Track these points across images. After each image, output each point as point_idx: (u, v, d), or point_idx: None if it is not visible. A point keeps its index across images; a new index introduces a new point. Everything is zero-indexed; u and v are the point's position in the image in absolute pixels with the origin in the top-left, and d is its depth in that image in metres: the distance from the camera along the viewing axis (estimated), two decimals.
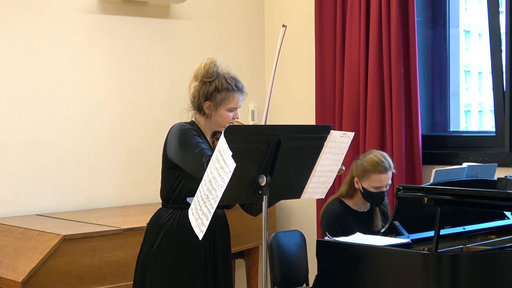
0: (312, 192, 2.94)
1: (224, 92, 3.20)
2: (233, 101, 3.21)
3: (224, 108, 3.20)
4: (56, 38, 4.44)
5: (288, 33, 5.30)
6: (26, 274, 3.38)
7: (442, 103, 4.86)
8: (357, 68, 4.72)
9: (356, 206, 3.89)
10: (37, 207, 4.35)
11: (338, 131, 2.87)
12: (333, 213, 3.84)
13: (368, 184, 3.78)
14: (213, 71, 3.23)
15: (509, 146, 4.39)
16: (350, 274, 3.14)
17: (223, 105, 3.20)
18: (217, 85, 3.20)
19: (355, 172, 3.83)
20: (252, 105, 5.35)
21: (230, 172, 2.53)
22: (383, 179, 3.76)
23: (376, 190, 3.77)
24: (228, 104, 3.20)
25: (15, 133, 4.29)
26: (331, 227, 3.77)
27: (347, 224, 3.78)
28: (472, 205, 3.04)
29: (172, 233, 3.16)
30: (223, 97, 3.19)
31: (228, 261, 3.32)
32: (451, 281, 2.86)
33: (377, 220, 3.88)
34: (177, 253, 3.17)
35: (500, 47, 4.40)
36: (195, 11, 5.06)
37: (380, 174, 3.75)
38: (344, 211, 3.85)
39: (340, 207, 3.87)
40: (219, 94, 3.19)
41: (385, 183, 3.78)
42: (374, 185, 3.77)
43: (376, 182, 3.76)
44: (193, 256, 3.17)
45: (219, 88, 3.20)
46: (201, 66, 3.26)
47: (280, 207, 5.29)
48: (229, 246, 3.34)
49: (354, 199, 3.88)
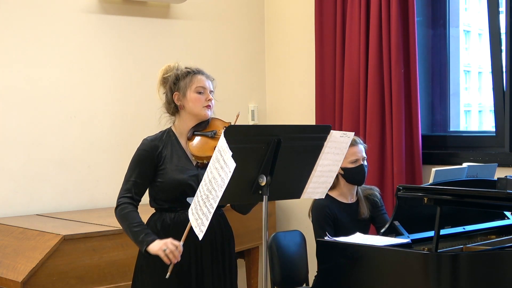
0: (312, 192, 2.94)
1: (185, 76, 3.25)
2: (196, 81, 3.24)
3: (191, 91, 3.22)
4: (56, 38, 4.44)
5: (288, 33, 5.35)
6: (26, 274, 3.38)
7: (442, 103, 4.86)
8: (357, 68, 4.72)
9: (342, 197, 3.89)
10: (37, 207, 4.35)
11: (338, 131, 2.87)
12: (319, 206, 3.84)
13: (345, 162, 3.77)
14: (170, 68, 3.30)
15: (509, 146, 4.39)
16: (350, 274, 3.14)
17: (188, 89, 3.22)
18: (177, 73, 3.27)
19: None
20: (252, 105, 5.35)
21: (230, 172, 2.53)
22: (356, 151, 3.81)
23: (354, 164, 3.80)
24: (193, 85, 3.22)
25: (15, 133, 4.29)
26: (320, 220, 3.80)
27: (335, 216, 3.80)
28: (472, 205, 3.04)
29: (157, 234, 3.17)
30: (186, 81, 3.24)
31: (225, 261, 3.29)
32: (451, 281, 2.86)
33: (363, 208, 3.88)
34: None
35: (500, 47, 4.40)
36: (195, 11, 5.06)
37: (352, 146, 3.77)
38: (331, 203, 3.85)
39: (325, 200, 3.82)
40: (182, 80, 3.25)
41: (360, 155, 3.82)
42: (350, 159, 3.79)
43: (351, 155, 3.79)
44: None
45: (179, 75, 3.26)
46: (160, 70, 3.34)
47: (280, 207, 5.29)
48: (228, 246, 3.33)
49: (337, 188, 3.88)
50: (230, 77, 5.22)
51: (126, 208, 3.16)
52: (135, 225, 3.13)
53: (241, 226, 4.40)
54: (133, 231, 3.12)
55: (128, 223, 3.15)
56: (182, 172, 3.17)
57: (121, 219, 3.20)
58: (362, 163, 3.83)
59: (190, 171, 3.18)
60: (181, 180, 3.15)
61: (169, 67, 3.31)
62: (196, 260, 3.19)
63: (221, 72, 5.17)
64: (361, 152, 3.84)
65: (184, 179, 3.15)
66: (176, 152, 3.22)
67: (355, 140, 3.82)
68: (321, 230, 3.74)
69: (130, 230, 3.14)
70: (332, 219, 3.79)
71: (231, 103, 5.23)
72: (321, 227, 3.77)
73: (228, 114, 3.45)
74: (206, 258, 3.20)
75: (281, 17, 5.36)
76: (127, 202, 3.17)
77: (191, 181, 3.16)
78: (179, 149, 3.23)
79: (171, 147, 3.22)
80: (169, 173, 3.16)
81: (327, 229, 3.71)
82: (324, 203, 3.83)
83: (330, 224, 3.77)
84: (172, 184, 3.15)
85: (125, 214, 3.16)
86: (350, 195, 3.91)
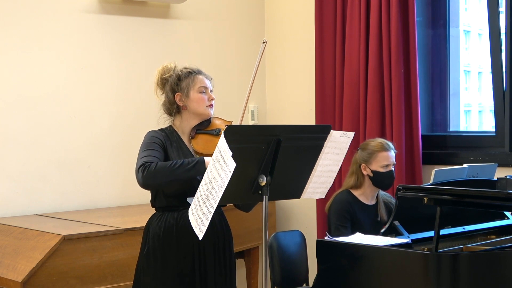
0: (312, 192, 2.94)
1: (187, 77, 3.26)
2: (198, 81, 3.25)
3: (194, 91, 3.24)
4: (56, 38, 4.44)
5: (288, 33, 5.35)
6: (26, 274, 3.38)
7: (442, 103, 4.86)
8: (357, 68, 4.72)
9: (364, 197, 3.92)
10: (37, 207, 4.35)
11: (338, 131, 2.87)
12: (342, 201, 3.89)
13: (376, 165, 3.86)
14: (168, 68, 3.31)
15: (509, 146, 4.39)
16: (350, 274, 3.14)
17: (191, 89, 3.24)
18: (178, 74, 3.28)
19: (360, 159, 3.92)
20: (252, 105, 5.35)
21: (230, 172, 2.53)
22: (389, 156, 3.89)
23: (385, 169, 3.86)
24: (196, 85, 3.25)
25: (15, 133, 4.29)
26: (340, 214, 3.83)
27: (354, 213, 3.84)
28: (472, 205, 3.04)
29: (160, 235, 3.18)
30: (188, 81, 3.25)
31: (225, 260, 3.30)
32: (451, 281, 2.86)
33: (382, 211, 3.92)
34: (165, 254, 3.19)
35: (500, 47, 4.40)
36: (195, 11, 5.06)
37: (386, 151, 3.88)
38: (353, 201, 3.90)
39: (349, 196, 3.92)
40: (184, 80, 3.25)
41: (391, 161, 3.89)
42: (382, 164, 3.86)
43: (384, 160, 3.86)
44: (180, 256, 3.18)
45: (180, 76, 3.27)
46: (157, 71, 3.33)
47: (280, 207, 5.29)
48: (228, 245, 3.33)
49: (362, 189, 3.93)
50: (230, 77, 5.22)
51: (150, 165, 3.04)
52: (173, 164, 3.03)
53: (241, 226, 4.40)
54: (179, 166, 3.02)
55: (166, 170, 3.03)
56: None
57: (157, 174, 3.04)
58: (392, 169, 3.90)
59: None
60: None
61: (166, 67, 3.31)
62: (199, 260, 3.19)
63: (221, 72, 5.17)
64: (392, 158, 3.91)
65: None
66: (181, 149, 3.23)
67: (389, 145, 3.91)
68: (338, 222, 3.78)
69: (174, 171, 3.02)
70: (351, 216, 3.83)
71: (231, 103, 5.23)
72: (339, 220, 3.81)
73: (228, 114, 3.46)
74: (209, 257, 3.21)
75: (281, 17, 5.36)
76: (148, 162, 3.05)
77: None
78: (183, 146, 3.25)
79: (175, 144, 3.23)
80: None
81: (345, 223, 3.74)
82: (347, 199, 3.89)
83: (349, 219, 3.80)
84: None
85: (156, 167, 3.04)
86: (372, 197, 3.94)
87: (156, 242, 3.20)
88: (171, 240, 3.18)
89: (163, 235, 3.18)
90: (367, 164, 3.89)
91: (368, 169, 3.89)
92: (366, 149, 3.92)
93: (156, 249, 3.20)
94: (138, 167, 3.07)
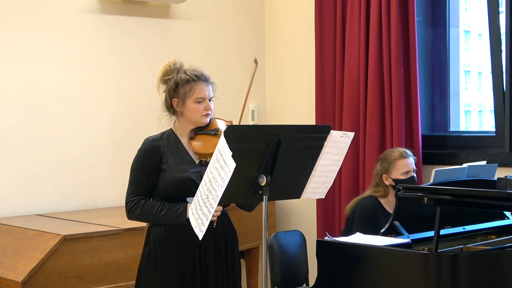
0: (312, 192, 2.94)
1: (185, 84, 3.20)
2: (196, 91, 3.19)
3: (190, 100, 3.19)
4: (56, 38, 4.44)
5: (288, 33, 5.35)
6: (26, 274, 3.38)
7: (442, 103, 4.86)
8: (357, 68, 4.72)
9: (388, 206, 3.94)
10: (37, 207, 4.35)
11: (338, 131, 2.87)
12: (370, 206, 3.91)
13: (396, 173, 3.91)
14: (171, 68, 3.25)
15: (509, 146, 4.39)
16: (350, 274, 3.14)
17: (188, 98, 3.19)
18: (176, 79, 3.22)
19: (381, 170, 3.96)
20: (252, 105, 5.35)
21: (230, 172, 2.53)
22: (408, 162, 3.93)
23: (406, 176, 3.90)
24: (193, 96, 3.19)
25: (15, 133, 4.29)
26: (365, 219, 3.85)
27: (378, 221, 3.83)
28: (472, 205, 3.04)
29: (160, 235, 3.18)
30: (185, 89, 3.19)
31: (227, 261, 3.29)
32: (451, 281, 2.86)
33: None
34: (165, 255, 3.18)
35: (500, 47, 4.40)
36: (195, 11, 5.06)
37: (404, 158, 3.92)
38: (378, 207, 3.92)
39: (375, 202, 3.94)
40: (181, 87, 3.20)
41: (411, 167, 3.93)
42: (402, 171, 3.91)
43: (403, 167, 3.91)
44: (181, 257, 3.17)
45: (178, 82, 3.21)
46: (161, 67, 3.29)
47: (280, 207, 5.29)
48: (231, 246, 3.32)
49: (387, 197, 3.96)
50: (230, 77, 5.22)
51: (138, 204, 3.16)
52: (159, 211, 3.12)
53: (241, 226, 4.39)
54: (162, 216, 3.12)
55: (151, 215, 3.14)
56: (185, 170, 3.17)
57: (141, 217, 3.18)
58: (413, 175, 3.93)
59: (192, 168, 3.19)
60: (184, 177, 3.15)
61: (169, 67, 3.26)
62: (200, 260, 3.19)
63: (221, 72, 5.17)
64: (412, 164, 3.94)
65: (187, 176, 3.16)
66: (178, 152, 3.22)
67: (407, 152, 3.96)
68: (362, 226, 3.79)
69: (159, 218, 3.13)
70: (376, 222, 3.83)
71: (231, 103, 5.21)
72: (365, 225, 3.81)
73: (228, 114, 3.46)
74: (210, 258, 3.21)
75: (281, 17, 5.36)
76: (136, 200, 3.17)
77: (194, 176, 3.16)
78: (181, 148, 3.23)
79: (172, 147, 3.22)
80: (171, 171, 3.16)
81: (370, 229, 3.74)
82: (374, 205, 3.92)
83: (374, 226, 3.79)
84: (175, 182, 3.15)
85: (142, 211, 3.15)
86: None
87: (156, 243, 3.20)
88: (171, 241, 3.18)
89: (164, 236, 3.18)
90: (387, 174, 3.93)
91: (390, 178, 3.92)
92: (385, 160, 3.97)
93: (156, 250, 3.20)
94: (126, 203, 3.20)
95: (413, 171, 3.94)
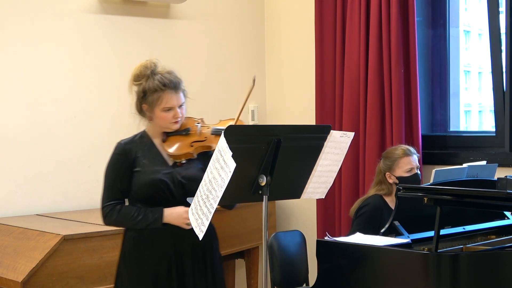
0: (312, 192, 2.94)
1: (152, 93, 3.16)
2: (164, 101, 3.15)
3: (158, 109, 3.17)
4: (56, 38, 4.44)
5: (288, 33, 5.35)
6: (26, 274, 3.38)
7: (442, 103, 4.86)
8: (357, 68, 4.72)
9: (393, 204, 3.92)
10: (37, 207, 4.35)
11: (338, 131, 2.87)
12: (375, 206, 3.91)
13: (400, 171, 3.91)
14: (142, 74, 3.20)
15: (509, 146, 4.39)
16: (350, 274, 3.14)
17: (156, 106, 3.17)
18: (145, 87, 3.18)
19: (384, 168, 3.96)
20: (252, 105, 5.35)
21: (230, 172, 2.53)
22: (411, 160, 3.92)
23: (409, 173, 3.90)
24: (160, 105, 3.16)
25: (15, 133, 4.29)
26: (368, 219, 3.85)
27: (382, 220, 3.82)
28: (472, 205, 3.04)
29: (135, 237, 3.20)
30: (153, 98, 3.16)
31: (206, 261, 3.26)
32: (451, 281, 2.86)
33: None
34: (140, 257, 3.19)
35: (500, 47, 4.40)
36: (195, 11, 5.06)
37: (407, 156, 3.92)
38: (383, 207, 3.92)
39: (381, 202, 3.94)
40: (149, 96, 3.17)
41: (414, 164, 3.93)
42: (405, 169, 3.90)
43: (406, 164, 3.91)
44: (156, 259, 3.17)
45: (146, 90, 3.17)
46: (134, 68, 3.25)
47: (280, 207, 5.29)
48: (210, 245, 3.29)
49: (391, 196, 3.96)
50: (230, 77, 5.22)
51: (113, 210, 3.18)
52: (135, 216, 3.14)
53: (241, 226, 4.40)
54: (139, 221, 3.14)
55: (128, 220, 3.17)
56: (157, 172, 3.18)
57: (118, 222, 3.22)
58: (417, 172, 3.93)
59: (164, 170, 3.19)
60: (156, 179, 3.16)
61: (140, 72, 3.21)
62: (176, 262, 3.17)
63: (221, 72, 5.17)
64: (415, 161, 3.95)
65: (159, 177, 3.16)
66: (151, 154, 3.22)
67: (410, 150, 3.95)
68: (362, 225, 3.79)
69: (135, 223, 3.15)
70: (380, 223, 3.80)
71: (231, 103, 5.23)
72: (366, 225, 3.80)
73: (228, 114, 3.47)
74: (187, 258, 3.20)
75: (281, 17, 5.36)
76: (112, 205, 3.19)
77: (166, 178, 3.16)
78: (154, 150, 3.24)
79: (145, 148, 3.23)
80: (144, 173, 3.17)
81: (371, 228, 3.73)
82: (380, 205, 3.91)
83: (377, 226, 3.78)
84: (148, 184, 3.16)
85: (118, 216, 3.18)
86: None
87: (132, 244, 3.21)
88: (146, 243, 3.18)
89: (139, 238, 3.19)
90: (390, 172, 3.93)
91: (393, 176, 3.92)
92: (388, 158, 3.96)
93: (132, 252, 3.20)
94: (101, 209, 3.22)
95: (417, 168, 3.94)
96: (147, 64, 3.23)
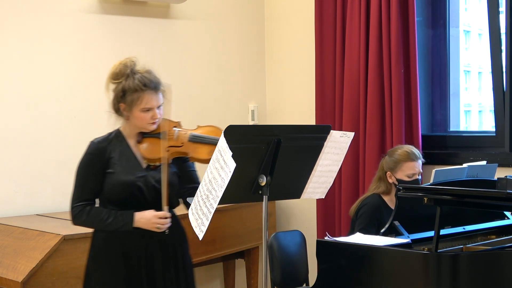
0: (312, 192, 2.94)
1: (132, 93, 3.11)
2: (143, 101, 3.10)
3: (137, 110, 3.12)
4: (56, 38, 4.44)
5: (288, 33, 5.35)
6: (26, 274, 3.38)
7: (442, 103, 4.86)
8: (357, 68, 4.72)
9: (391, 203, 3.94)
10: (37, 207, 4.35)
11: (338, 131, 2.87)
12: (374, 205, 3.90)
13: (401, 174, 3.89)
14: (121, 72, 3.15)
15: (509, 146, 4.39)
16: (350, 274, 3.14)
17: (135, 106, 3.11)
18: (124, 86, 3.12)
19: (386, 167, 3.95)
20: (252, 105, 5.35)
21: (230, 172, 2.53)
22: (415, 166, 3.90)
23: (410, 178, 3.88)
24: (139, 105, 3.11)
25: (15, 133, 4.29)
26: (369, 218, 3.84)
27: (382, 219, 3.82)
28: (472, 205, 3.04)
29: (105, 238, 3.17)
30: (132, 98, 3.11)
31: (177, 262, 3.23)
32: (451, 281, 2.86)
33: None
34: (110, 258, 3.16)
35: (500, 47, 4.40)
36: (195, 11, 5.06)
37: (412, 161, 3.89)
38: (382, 206, 3.91)
39: (379, 201, 3.93)
40: (129, 95, 3.11)
41: (417, 170, 3.91)
42: (407, 173, 3.88)
43: (409, 169, 3.89)
44: (126, 259, 3.15)
45: (126, 89, 3.12)
46: (113, 66, 3.19)
47: (280, 207, 5.29)
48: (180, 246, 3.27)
49: (390, 195, 3.96)
50: (230, 77, 5.22)
51: (83, 211, 3.15)
52: (105, 219, 3.11)
53: (241, 226, 4.40)
54: (109, 224, 3.11)
55: (97, 222, 3.14)
56: (130, 174, 3.13)
57: (87, 224, 3.18)
58: (418, 178, 3.92)
59: (138, 173, 3.15)
60: (129, 182, 3.12)
61: (119, 70, 3.15)
62: (146, 264, 3.15)
63: (221, 72, 5.17)
64: (419, 167, 3.93)
65: (132, 180, 3.12)
66: (125, 154, 3.18)
67: (415, 155, 3.93)
68: (363, 225, 3.80)
69: (105, 225, 3.12)
70: (379, 222, 3.82)
71: (231, 103, 5.23)
72: (366, 224, 3.82)
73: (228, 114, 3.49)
74: (157, 260, 3.17)
75: (281, 17, 5.36)
76: (82, 206, 3.15)
77: (139, 182, 3.13)
78: (128, 150, 3.19)
79: (119, 149, 3.18)
80: (117, 175, 3.13)
81: (371, 228, 3.74)
82: (379, 205, 3.91)
83: (376, 225, 3.80)
84: (120, 186, 3.12)
85: (87, 218, 3.14)
86: None
87: (102, 245, 3.18)
88: (116, 244, 3.15)
89: (108, 239, 3.16)
90: (392, 172, 3.92)
91: (394, 177, 3.92)
92: (392, 157, 3.93)
93: (101, 253, 3.18)
94: (71, 209, 3.18)
95: (419, 174, 3.92)
96: (127, 62, 3.18)
